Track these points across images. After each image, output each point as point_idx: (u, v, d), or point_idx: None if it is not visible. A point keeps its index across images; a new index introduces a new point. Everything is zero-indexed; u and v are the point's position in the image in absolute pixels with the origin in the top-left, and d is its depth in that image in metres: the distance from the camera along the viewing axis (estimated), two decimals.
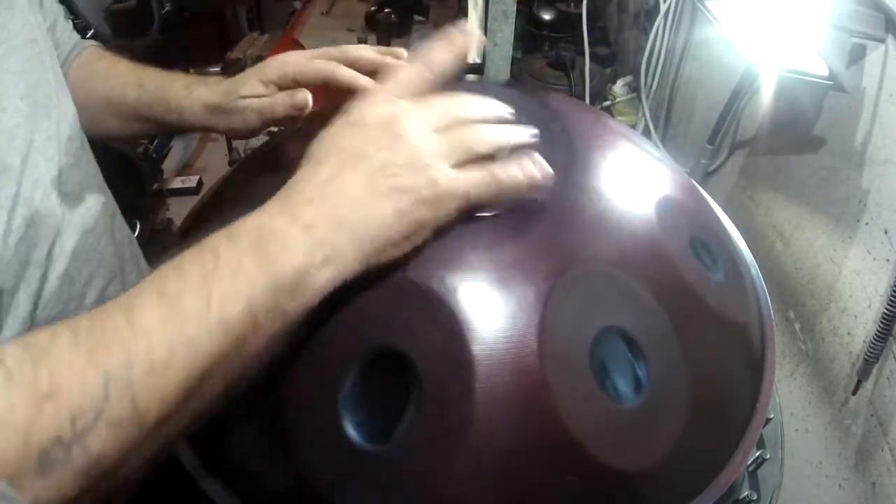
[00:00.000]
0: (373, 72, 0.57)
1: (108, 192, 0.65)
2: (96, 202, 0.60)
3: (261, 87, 0.57)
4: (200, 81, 0.63)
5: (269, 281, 0.35)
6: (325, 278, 0.37)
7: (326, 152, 0.40)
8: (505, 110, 0.44)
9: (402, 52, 0.58)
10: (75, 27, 0.71)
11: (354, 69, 0.56)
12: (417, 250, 0.41)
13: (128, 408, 0.31)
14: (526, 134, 0.43)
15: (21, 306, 0.49)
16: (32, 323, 0.50)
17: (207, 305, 0.34)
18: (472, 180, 0.40)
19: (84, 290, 0.56)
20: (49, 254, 0.52)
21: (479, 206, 0.42)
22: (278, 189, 0.46)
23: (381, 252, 0.39)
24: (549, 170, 0.43)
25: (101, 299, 0.59)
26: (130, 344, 0.32)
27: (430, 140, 0.40)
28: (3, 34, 0.49)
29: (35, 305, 0.50)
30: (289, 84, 0.57)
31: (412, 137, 0.39)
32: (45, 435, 0.30)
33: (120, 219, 0.66)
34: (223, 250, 0.36)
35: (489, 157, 0.42)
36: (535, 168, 0.42)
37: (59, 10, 0.68)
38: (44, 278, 0.51)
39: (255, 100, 0.58)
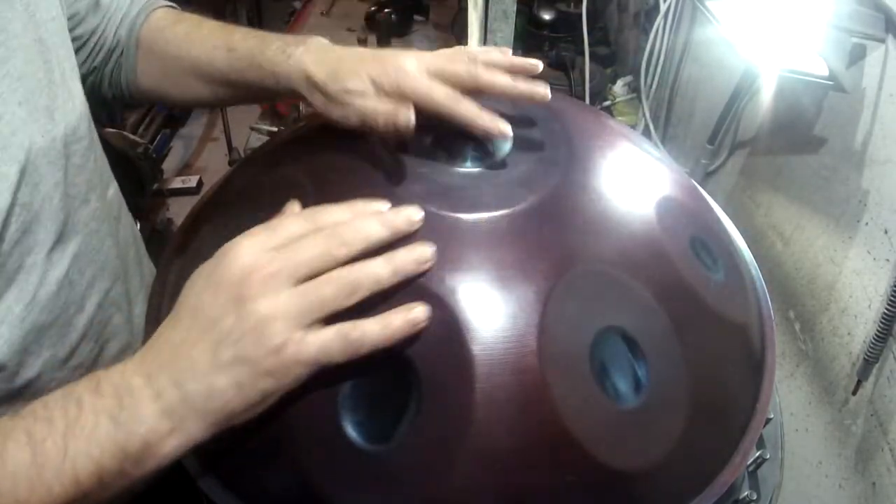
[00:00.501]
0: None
1: (117, 189, 0.63)
2: (102, 203, 0.59)
3: (371, 88, 0.51)
4: (297, 42, 0.57)
5: (117, 449, 0.37)
6: (170, 447, 0.38)
7: (185, 308, 0.40)
8: (402, 220, 0.41)
9: (538, 64, 0.54)
10: None
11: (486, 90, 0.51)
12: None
13: None
14: (412, 260, 0.40)
15: (9, 310, 0.48)
16: (23, 325, 0.49)
17: (63, 459, 0.37)
18: (321, 346, 0.38)
19: (86, 292, 0.55)
20: (48, 258, 0.51)
21: (334, 366, 0.39)
22: (279, 190, 0.46)
23: (227, 420, 0.39)
24: (420, 315, 0.39)
25: (104, 303, 0.58)
26: (1, 479, 0.36)
27: (281, 302, 0.37)
28: (1, 36, 0.48)
29: (28, 308, 0.49)
30: (398, 96, 0.50)
31: (261, 302, 0.37)
32: None
33: (126, 218, 0.65)
34: (86, 405, 0.38)
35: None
36: (398, 319, 0.39)
37: None
38: (40, 283, 0.50)
39: (361, 100, 0.51)
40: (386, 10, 2.37)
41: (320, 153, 0.56)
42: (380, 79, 0.51)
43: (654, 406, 0.42)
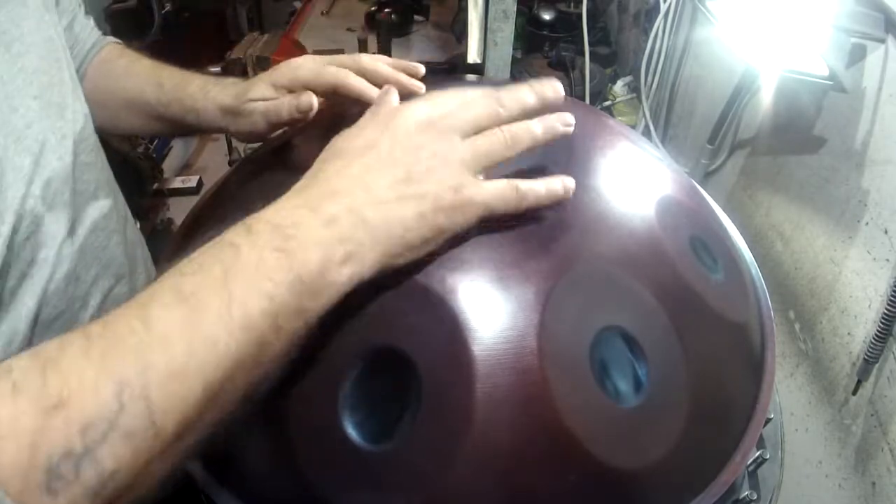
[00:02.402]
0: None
1: (120, 193, 0.65)
2: (109, 202, 0.60)
3: (271, 90, 0.57)
4: (216, 82, 0.62)
5: (290, 278, 0.34)
6: (344, 276, 0.36)
7: (356, 149, 0.40)
8: (548, 91, 0.44)
9: (420, 68, 0.58)
10: None
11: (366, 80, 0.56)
12: (430, 255, 0.41)
13: (143, 417, 0.29)
14: (560, 123, 0.44)
15: (24, 305, 0.48)
16: (36, 323, 0.49)
17: (228, 305, 0.32)
18: (494, 191, 0.41)
19: (90, 289, 0.56)
20: (58, 253, 0.51)
21: (498, 215, 0.42)
22: (279, 189, 0.46)
23: (399, 255, 0.39)
24: (572, 183, 0.44)
25: (106, 300, 0.58)
26: (146, 348, 0.30)
27: (462, 145, 0.40)
28: (17, 32, 0.49)
29: (40, 303, 0.50)
30: (299, 89, 0.57)
31: (441, 146, 0.40)
32: (52, 448, 0.28)
33: (132, 220, 0.66)
34: (243, 245, 0.34)
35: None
36: (557, 183, 0.44)
37: (78, 5, 0.68)
38: (50, 278, 0.51)
39: (263, 103, 0.57)
40: (386, 10, 2.37)
41: (321, 153, 0.56)
42: (276, 80, 0.57)
43: (654, 406, 0.42)
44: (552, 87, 0.45)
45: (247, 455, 0.44)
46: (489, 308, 0.41)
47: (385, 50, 2.16)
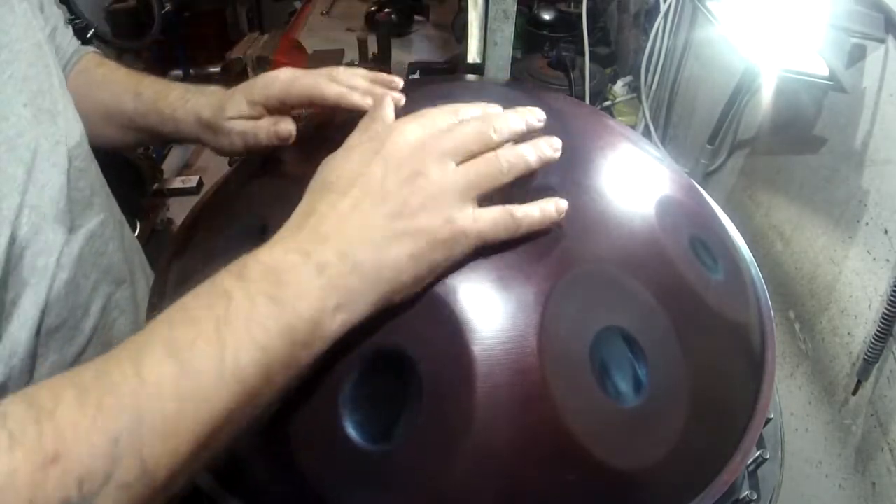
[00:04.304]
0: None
1: (114, 198, 0.64)
2: (105, 207, 0.60)
3: (246, 106, 0.56)
4: (197, 91, 0.61)
5: (282, 329, 0.34)
6: (337, 324, 0.36)
7: (347, 180, 0.39)
8: (532, 119, 0.44)
9: (398, 81, 0.56)
10: (75, 27, 0.70)
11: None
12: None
13: (138, 468, 0.30)
14: (549, 148, 0.43)
15: (27, 314, 0.48)
16: (38, 332, 0.49)
17: (221, 359, 0.32)
18: (489, 220, 0.40)
19: (90, 296, 0.56)
20: (58, 261, 0.51)
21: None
22: (278, 190, 0.46)
23: (393, 295, 0.38)
24: (564, 205, 0.44)
25: (108, 306, 0.58)
26: (141, 400, 0.30)
27: (451, 176, 0.39)
28: (5, 39, 0.48)
29: (42, 312, 0.49)
30: (274, 104, 0.55)
31: (434, 174, 0.39)
32: (50, 501, 0.28)
33: (128, 226, 0.66)
34: (235, 291, 0.34)
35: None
36: (550, 206, 0.43)
37: (60, 15, 0.67)
38: (51, 286, 0.50)
39: (240, 122, 0.56)
40: (386, 10, 2.37)
41: (321, 152, 0.56)
42: (251, 95, 0.55)
43: (654, 406, 0.42)
44: (536, 116, 0.45)
45: (247, 455, 0.44)
46: (490, 308, 0.41)
47: (385, 50, 2.16)
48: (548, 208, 0.43)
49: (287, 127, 0.55)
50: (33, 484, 0.28)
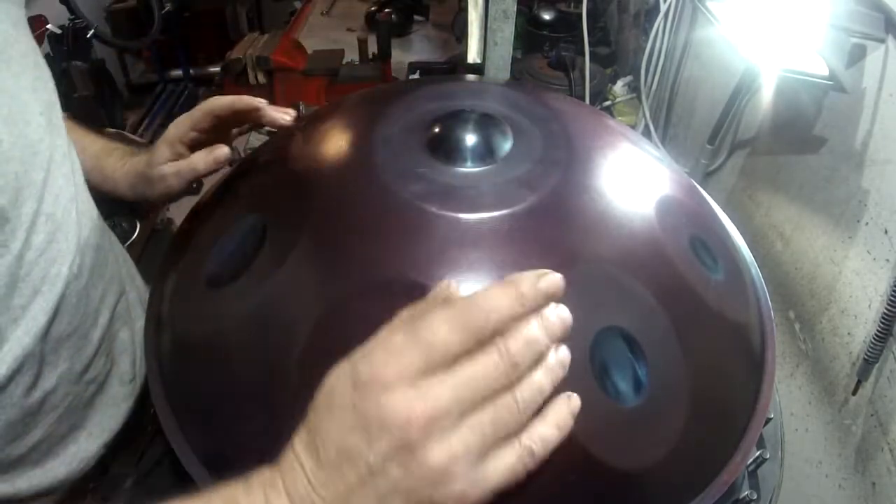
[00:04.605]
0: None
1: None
2: (100, 220, 0.60)
3: (168, 151, 0.60)
4: (135, 153, 0.64)
5: None
6: None
7: (330, 448, 0.33)
8: (561, 321, 0.35)
9: (290, 112, 0.61)
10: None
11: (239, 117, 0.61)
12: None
13: None
14: (561, 366, 0.35)
15: (34, 320, 0.48)
16: (45, 337, 0.49)
17: None
18: (503, 472, 0.33)
19: (98, 306, 0.56)
20: (70, 269, 0.51)
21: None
22: (279, 189, 0.46)
23: None
24: (577, 401, 0.36)
25: (113, 317, 0.59)
26: None
27: (455, 445, 0.32)
28: (12, 52, 0.48)
29: (51, 320, 0.49)
30: (191, 138, 0.60)
31: (432, 449, 0.31)
32: None
33: (110, 232, 0.65)
34: None
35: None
36: (565, 410, 0.35)
37: None
38: (62, 295, 0.50)
39: (171, 164, 0.60)
40: (386, 10, 2.37)
41: (320, 153, 0.56)
42: (167, 139, 0.60)
43: (654, 406, 0.42)
44: (561, 319, 0.36)
45: (248, 456, 0.44)
46: None
47: (385, 50, 2.16)
48: (566, 422, 0.35)
49: (222, 151, 0.59)
50: None
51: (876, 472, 0.81)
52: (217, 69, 2.50)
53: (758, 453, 0.53)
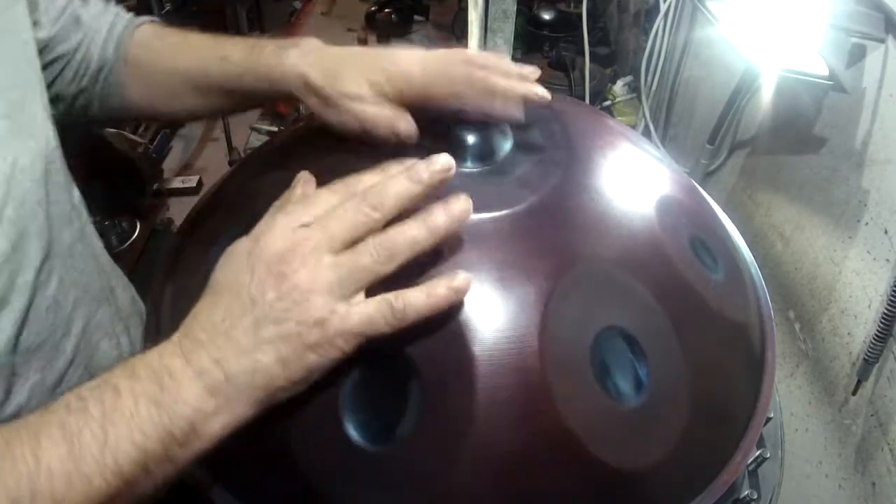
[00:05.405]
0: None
1: (84, 209, 0.61)
2: (80, 224, 0.58)
3: (368, 92, 0.52)
4: (292, 44, 0.56)
5: (161, 431, 0.36)
6: (216, 427, 0.37)
7: (223, 287, 0.39)
8: (430, 173, 0.40)
9: (535, 71, 0.54)
10: None
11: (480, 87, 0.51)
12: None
13: None
14: (442, 226, 0.39)
15: (3, 332, 0.47)
16: (15, 350, 0.48)
17: (102, 449, 0.35)
18: (364, 317, 0.38)
19: (71, 315, 0.54)
20: (36, 278, 0.49)
21: (377, 339, 0.38)
22: (279, 190, 0.46)
23: (273, 396, 0.38)
24: (461, 281, 0.39)
25: (89, 326, 0.56)
26: (34, 478, 0.34)
27: (322, 275, 0.37)
28: None
29: (19, 331, 0.48)
30: (404, 104, 0.52)
31: (302, 276, 0.37)
32: None
33: (94, 234, 0.62)
34: (124, 390, 0.37)
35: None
36: (440, 288, 0.39)
37: (69, 2, 0.63)
38: (30, 303, 0.49)
39: (359, 105, 0.52)
40: (386, 10, 2.37)
41: (320, 153, 0.56)
42: (380, 84, 0.51)
43: (654, 406, 0.42)
44: (436, 168, 0.40)
45: (248, 456, 0.44)
46: (490, 308, 0.41)
47: None
48: (438, 292, 0.39)
49: (408, 127, 0.51)
50: None
51: (876, 472, 0.81)
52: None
53: (758, 453, 0.53)
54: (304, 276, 0.37)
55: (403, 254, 0.39)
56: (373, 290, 0.38)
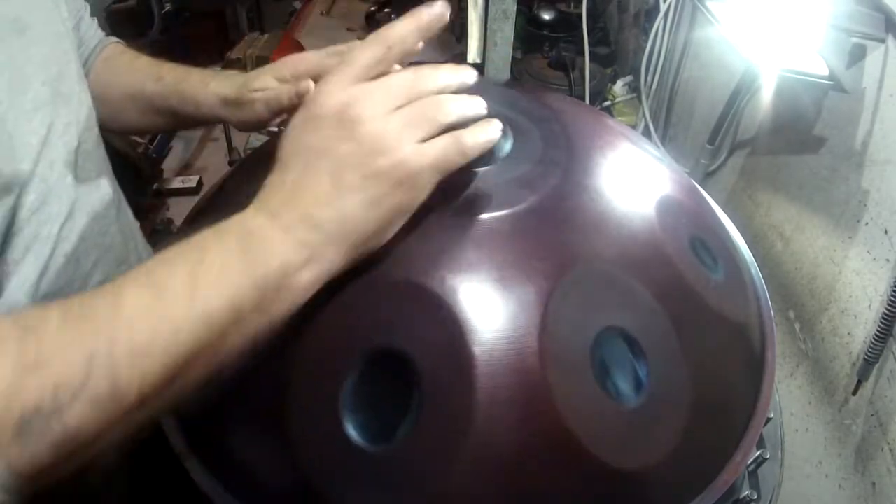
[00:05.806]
0: None
1: (117, 183, 0.67)
2: (108, 190, 0.62)
3: (273, 82, 0.59)
4: (215, 75, 0.65)
5: (252, 280, 0.36)
6: (308, 279, 0.38)
7: (290, 153, 0.40)
8: (464, 77, 0.43)
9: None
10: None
11: None
12: (420, 249, 0.41)
13: (108, 386, 0.32)
14: (481, 104, 0.42)
15: (26, 276, 0.51)
16: (36, 293, 0.52)
17: (192, 296, 0.35)
18: (439, 150, 0.40)
19: (90, 271, 0.58)
20: (59, 232, 0.54)
21: (450, 174, 0.41)
22: None
23: (363, 244, 0.39)
24: (498, 129, 0.43)
25: (106, 282, 0.60)
26: (115, 326, 0.33)
27: (390, 120, 0.39)
28: (30, 19, 0.52)
29: (41, 277, 0.52)
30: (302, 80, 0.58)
31: (370, 121, 0.39)
32: (26, 403, 0.31)
33: (126, 209, 0.69)
34: (211, 245, 0.37)
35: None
36: (490, 129, 0.42)
37: (84, 7, 0.71)
38: (51, 254, 0.53)
39: (263, 93, 0.59)
40: (386, 10, 2.37)
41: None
42: (279, 73, 0.59)
43: (654, 406, 0.42)
44: (465, 74, 0.43)
45: (248, 456, 0.44)
46: (490, 308, 0.41)
47: None
48: (493, 130, 0.42)
49: (307, 85, 0.55)
50: (12, 386, 0.31)
51: (876, 472, 0.81)
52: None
53: (758, 453, 0.53)
54: (375, 120, 0.38)
55: (455, 114, 0.40)
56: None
